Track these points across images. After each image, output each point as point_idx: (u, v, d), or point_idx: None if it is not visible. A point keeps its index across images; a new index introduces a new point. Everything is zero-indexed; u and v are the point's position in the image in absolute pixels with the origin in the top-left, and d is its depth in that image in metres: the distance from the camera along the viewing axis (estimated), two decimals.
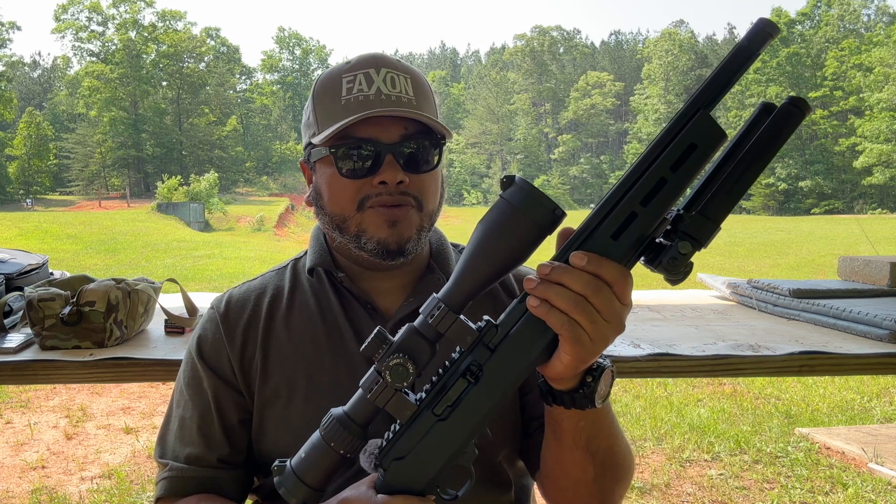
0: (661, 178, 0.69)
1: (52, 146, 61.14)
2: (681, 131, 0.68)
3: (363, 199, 0.99)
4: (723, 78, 0.68)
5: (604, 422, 0.87)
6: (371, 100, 0.98)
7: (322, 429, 0.80)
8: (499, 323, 0.75)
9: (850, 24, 60.84)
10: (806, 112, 0.69)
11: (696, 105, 0.68)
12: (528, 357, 0.74)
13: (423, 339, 0.75)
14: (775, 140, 0.69)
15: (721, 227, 0.70)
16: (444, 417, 0.76)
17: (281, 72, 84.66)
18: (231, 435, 1.05)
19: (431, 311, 0.75)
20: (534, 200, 0.71)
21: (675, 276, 0.70)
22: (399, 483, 0.78)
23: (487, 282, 0.74)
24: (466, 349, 0.75)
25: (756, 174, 0.70)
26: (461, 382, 0.75)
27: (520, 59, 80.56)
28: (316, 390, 1.01)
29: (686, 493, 3.55)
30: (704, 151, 0.68)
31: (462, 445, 0.76)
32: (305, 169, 1.11)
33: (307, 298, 1.08)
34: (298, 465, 0.80)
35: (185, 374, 1.09)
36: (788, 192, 55.85)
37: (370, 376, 0.77)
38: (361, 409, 0.78)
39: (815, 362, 1.52)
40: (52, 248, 19.18)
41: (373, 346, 0.75)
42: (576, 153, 73.20)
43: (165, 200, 39.02)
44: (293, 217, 42.74)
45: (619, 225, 0.70)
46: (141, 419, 4.83)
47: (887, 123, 48.33)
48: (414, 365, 0.74)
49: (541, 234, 0.72)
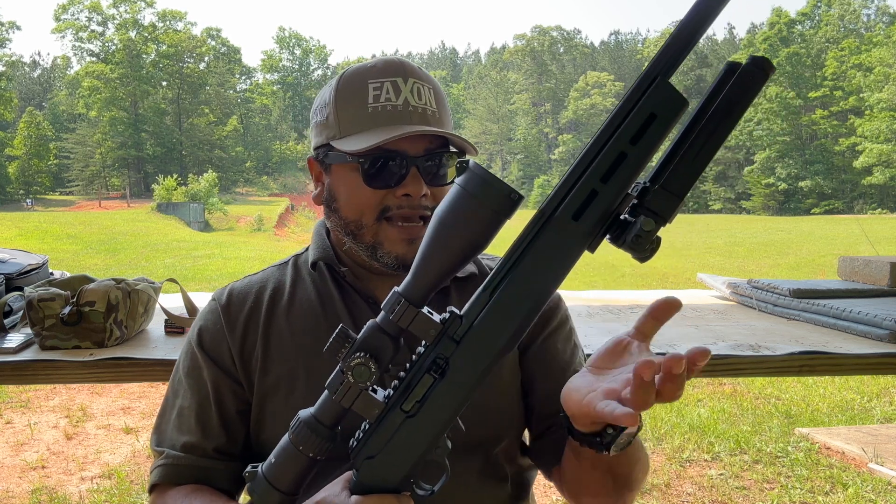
0: (621, 153, 0.65)
1: (52, 146, 61.14)
2: (639, 101, 0.65)
3: (384, 209, 1.00)
4: (680, 42, 0.64)
5: (626, 454, 0.85)
6: (399, 111, 0.99)
7: (291, 432, 0.78)
8: (463, 313, 0.72)
9: (850, 24, 60.81)
10: (769, 72, 0.64)
11: (654, 73, 0.64)
12: (495, 347, 0.71)
13: (386, 336, 0.74)
14: (737, 105, 0.65)
15: (685, 200, 0.67)
16: (412, 414, 0.74)
17: (281, 72, 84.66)
18: (229, 425, 1.05)
19: (392, 305, 0.73)
20: (489, 186, 0.68)
21: (640, 253, 0.66)
22: (372, 482, 0.76)
23: (448, 272, 0.73)
24: (431, 343, 0.73)
25: (719, 142, 0.66)
26: (427, 378, 0.73)
27: (520, 59, 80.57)
28: (316, 382, 1.00)
29: (686, 493, 3.55)
30: (665, 121, 0.65)
31: (433, 441, 0.75)
32: (314, 166, 1.09)
33: (309, 292, 1.09)
34: (269, 470, 0.79)
35: (185, 364, 1.09)
36: (788, 192, 55.82)
37: (335, 376, 0.75)
38: (328, 411, 0.77)
39: (815, 362, 1.52)
40: (52, 248, 19.18)
41: (335, 346, 0.74)
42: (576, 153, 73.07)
43: (164, 200, 39.02)
44: (293, 217, 42.76)
45: (579, 205, 0.67)
46: (141, 419, 4.83)
47: (887, 123, 48.30)
48: (376, 363, 0.73)
49: (498, 219, 0.69)
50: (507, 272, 0.70)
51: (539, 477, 1.14)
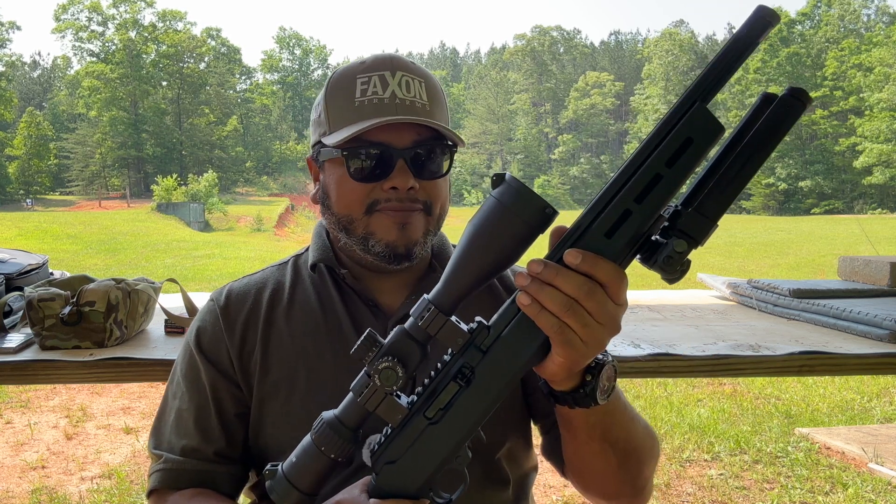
0: (657, 175, 0.66)
1: (52, 146, 61.15)
2: (676, 125, 0.66)
3: (372, 202, 0.99)
4: (720, 69, 0.65)
5: (615, 413, 0.86)
6: (385, 104, 0.98)
7: (313, 433, 0.78)
8: (491, 324, 0.73)
9: (850, 24, 60.82)
10: (807, 103, 0.66)
11: (693, 98, 0.66)
12: (521, 359, 0.72)
13: (414, 342, 0.74)
14: (774, 134, 0.66)
15: (718, 225, 0.68)
16: (435, 421, 0.74)
17: (281, 72, 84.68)
18: (228, 428, 1.04)
19: (421, 313, 0.73)
20: (524, 199, 0.69)
21: (671, 275, 0.67)
22: (391, 486, 0.76)
23: (478, 283, 0.73)
24: (457, 351, 0.74)
25: (754, 170, 0.67)
26: (452, 386, 0.73)
27: (520, 59, 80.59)
28: (315, 386, 1.01)
29: (686, 493, 3.55)
30: (701, 146, 0.66)
31: (455, 449, 0.75)
32: (312, 166, 1.10)
33: (308, 294, 1.08)
34: (290, 469, 0.79)
35: (183, 366, 1.08)
36: (788, 192, 55.83)
37: (360, 379, 0.75)
38: (352, 413, 0.77)
39: (815, 362, 1.51)
40: (52, 248, 19.18)
41: (363, 349, 0.74)
42: (576, 153, 73.21)
43: (163, 201, 39.01)
44: (293, 217, 42.76)
45: (613, 223, 0.68)
46: (141, 419, 4.83)
47: (887, 123, 48.32)
48: (403, 368, 0.73)
49: (532, 233, 0.70)
50: None
51: (539, 477, 1.14)
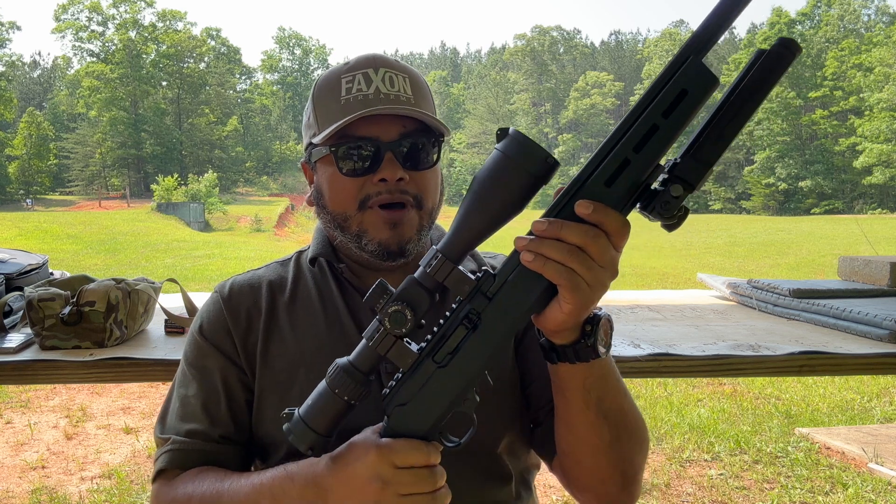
0: (654, 125, 0.69)
1: (52, 146, 61.15)
2: (672, 78, 0.69)
3: (364, 198, 1.01)
4: (714, 23, 0.68)
5: (610, 378, 0.87)
6: (370, 99, 1.00)
7: (328, 378, 0.81)
8: (496, 272, 0.76)
9: (850, 24, 60.79)
10: (796, 52, 0.68)
11: (688, 52, 0.69)
12: (525, 304, 0.75)
13: (423, 289, 0.77)
14: (765, 82, 0.69)
15: (713, 170, 0.71)
16: (444, 364, 0.77)
17: (281, 72, 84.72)
18: (236, 413, 1.05)
19: (430, 261, 0.76)
20: (527, 149, 0.72)
21: (669, 220, 0.70)
22: (403, 429, 0.80)
23: (484, 232, 0.76)
24: (465, 298, 0.77)
25: (747, 117, 0.70)
26: (460, 330, 0.77)
27: (520, 59, 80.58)
28: (315, 379, 1.01)
29: (686, 493, 3.55)
30: (696, 97, 0.69)
31: (462, 392, 0.78)
32: (307, 169, 1.13)
33: (309, 288, 1.10)
34: (306, 412, 0.82)
35: (190, 354, 1.09)
36: (788, 192, 55.80)
37: (373, 325, 0.79)
38: (365, 357, 0.80)
39: (815, 362, 1.51)
40: (52, 248, 19.18)
41: (374, 296, 0.77)
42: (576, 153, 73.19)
43: (164, 200, 39.01)
44: (293, 217, 42.74)
45: (612, 172, 0.71)
46: (141, 419, 4.83)
47: (887, 123, 48.28)
48: (412, 312, 0.76)
49: (535, 183, 0.73)
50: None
51: (539, 477, 1.14)
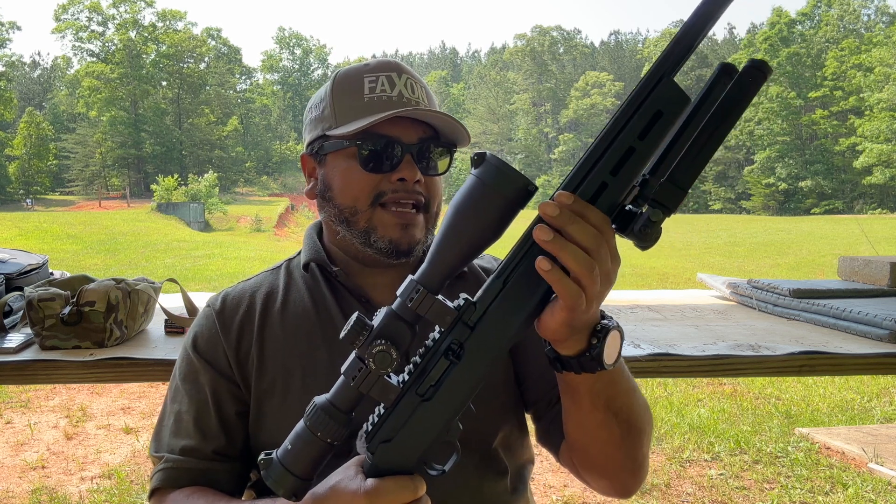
0: (630, 147, 0.69)
1: (52, 146, 61.11)
2: (646, 99, 0.69)
3: (378, 194, 1.03)
4: (685, 43, 0.68)
5: (620, 381, 0.86)
6: (394, 101, 1.04)
7: (306, 418, 0.79)
8: (476, 300, 0.75)
9: (850, 24, 60.78)
10: (768, 74, 0.69)
11: (659, 72, 0.69)
12: (508, 333, 0.74)
13: (403, 323, 0.75)
14: (738, 104, 0.69)
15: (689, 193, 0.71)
16: (428, 398, 0.76)
17: (281, 72, 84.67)
18: (228, 427, 1.05)
19: (410, 293, 0.74)
20: (505, 176, 0.71)
21: (646, 242, 0.71)
22: (388, 465, 0.78)
23: (463, 260, 0.74)
24: (446, 329, 0.75)
25: (721, 139, 0.70)
26: (443, 362, 0.75)
27: (520, 59, 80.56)
28: (312, 382, 1.03)
29: (686, 493, 3.55)
30: (670, 118, 0.69)
31: (447, 423, 0.77)
32: (308, 161, 1.13)
33: (301, 294, 1.11)
34: (285, 456, 0.81)
35: (181, 370, 1.10)
36: (788, 192, 55.80)
37: (352, 363, 0.76)
38: (345, 397, 0.78)
39: (815, 362, 1.52)
40: (52, 248, 19.19)
41: (353, 334, 0.75)
42: (576, 153, 73.16)
43: (164, 201, 39.00)
44: (293, 217, 42.75)
45: (590, 195, 0.71)
46: (141, 419, 4.83)
47: (887, 123, 48.27)
48: (396, 350, 0.74)
49: (513, 209, 0.72)
50: (520, 260, 0.73)
51: (539, 477, 1.14)
